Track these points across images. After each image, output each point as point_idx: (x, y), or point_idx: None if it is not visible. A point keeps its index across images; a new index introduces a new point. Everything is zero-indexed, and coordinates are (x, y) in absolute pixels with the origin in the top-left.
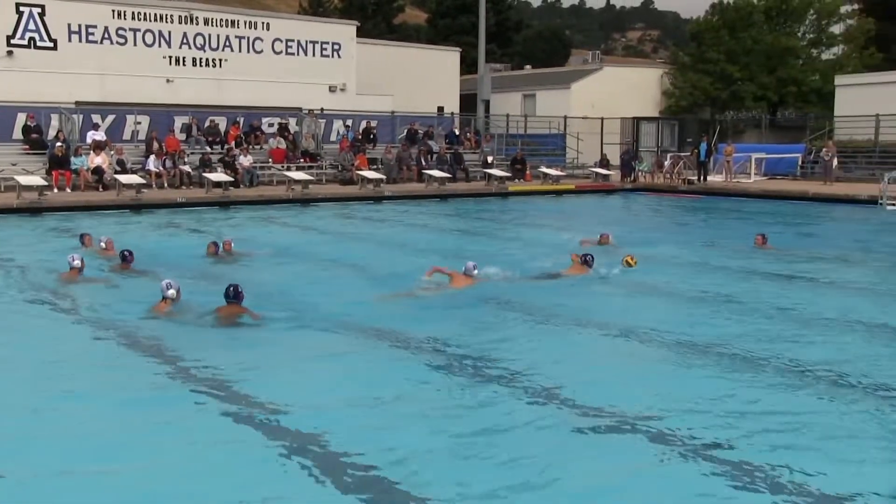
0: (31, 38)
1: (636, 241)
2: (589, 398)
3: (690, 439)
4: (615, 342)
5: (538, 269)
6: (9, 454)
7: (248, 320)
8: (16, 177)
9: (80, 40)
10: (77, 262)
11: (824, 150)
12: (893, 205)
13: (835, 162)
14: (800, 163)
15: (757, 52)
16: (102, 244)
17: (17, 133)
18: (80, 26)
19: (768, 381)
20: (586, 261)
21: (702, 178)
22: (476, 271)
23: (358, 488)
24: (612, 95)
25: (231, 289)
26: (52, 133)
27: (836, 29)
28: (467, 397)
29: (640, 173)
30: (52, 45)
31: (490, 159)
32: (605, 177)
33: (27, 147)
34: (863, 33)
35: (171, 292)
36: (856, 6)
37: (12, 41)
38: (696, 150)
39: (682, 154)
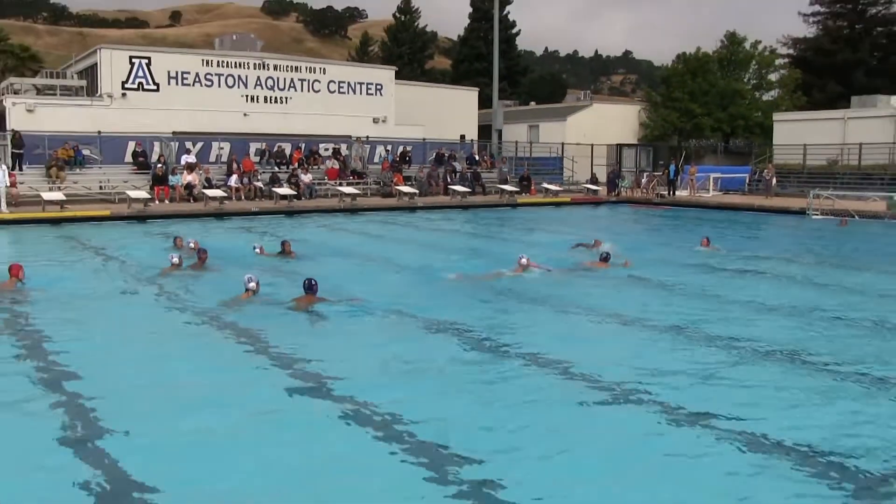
0: (140, 83)
1: (621, 242)
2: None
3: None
4: (621, 322)
5: (570, 263)
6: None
7: (321, 308)
8: (127, 191)
9: (177, 83)
10: (175, 259)
11: (766, 171)
12: (817, 214)
13: (774, 181)
14: (747, 181)
15: (713, 94)
16: (191, 245)
17: (128, 157)
18: (177, 72)
19: (716, 351)
20: (605, 258)
21: (671, 192)
22: (524, 261)
23: (410, 450)
24: (600, 126)
25: (307, 281)
26: (154, 156)
27: (773, 77)
28: (498, 372)
29: (622, 189)
30: (155, 87)
31: (507, 178)
32: (595, 191)
33: (135, 168)
34: (792, 81)
35: (252, 285)
36: (787, 60)
37: (126, 85)
38: (666, 171)
39: (656, 173)
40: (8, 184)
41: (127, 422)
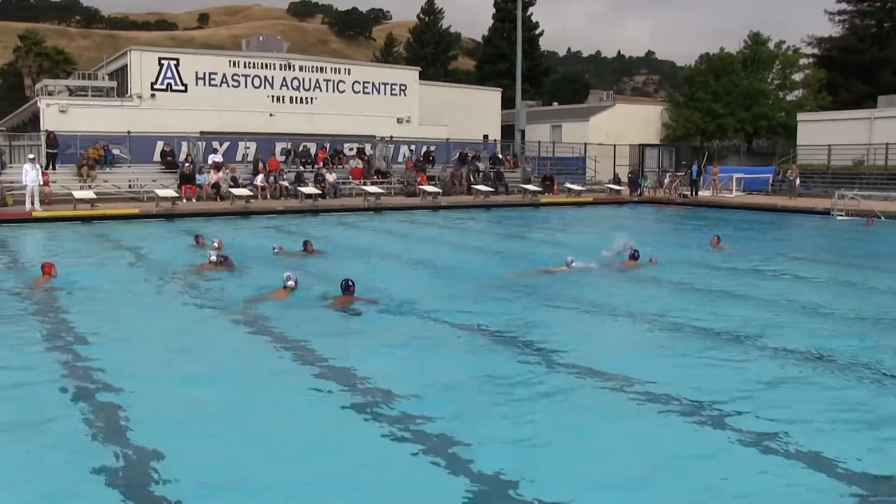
0: (168, 84)
1: (642, 242)
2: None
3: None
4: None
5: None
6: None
7: (357, 307)
8: (155, 190)
9: (205, 84)
10: (213, 258)
11: (789, 171)
12: (842, 215)
13: (797, 181)
14: (770, 181)
15: (736, 94)
16: (215, 244)
17: (157, 156)
18: (204, 74)
19: (743, 353)
20: (635, 255)
21: (694, 192)
22: (574, 263)
23: (433, 440)
24: (623, 127)
25: (345, 282)
26: (182, 156)
27: (797, 77)
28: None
29: (644, 189)
30: (183, 88)
31: (531, 177)
32: (617, 191)
33: (164, 167)
34: (817, 81)
35: (291, 283)
36: (811, 60)
37: (155, 86)
38: (689, 171)
39: (678, 174)
40: (41, 182)
41: (157, 417)
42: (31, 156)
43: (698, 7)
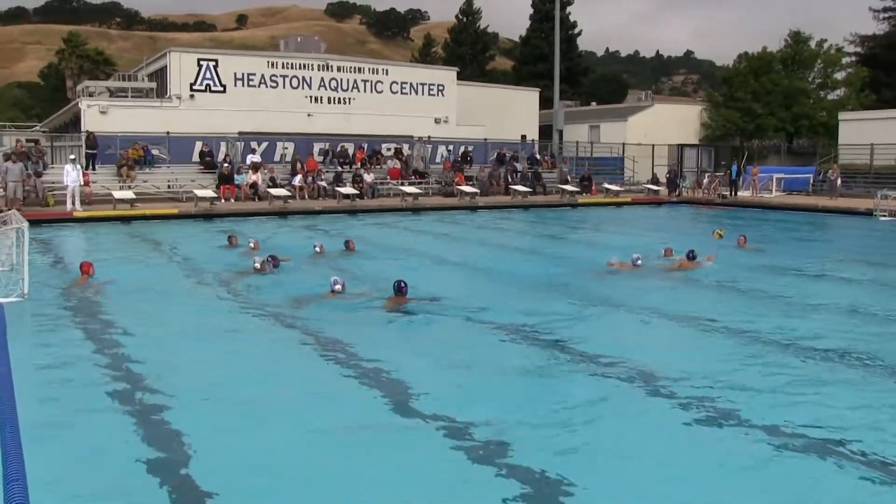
0: (207, 85)
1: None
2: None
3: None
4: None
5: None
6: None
7: (410, 307)
8: (194, 190)
9: (243, 85)
10: (258, 264)
11: (830, 171)
12: (885, 216)
13: (839, 181)
14: (811, 182)
15: (776, 93)
16: (251, 244)
17: (196, 157)
18: (243, 74)
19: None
20: (692, 256)
21: (733, 193)
22: (640, 262)
23: (477, 443)
24: (661, 127)
25: (397, 283)
26: (220, 156)
27: (839, 75)
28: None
29: (683, 189)
30: (222, 89)
31: (568, 177)
32: (655, 192)
33: (202, 167)
34: (859, 79)
35: (338, 287)
36: (853, 58)
37: (194, 87)
38: (728, 171)
39: (717, 174)
40: (81, 183)
41: (201, 417)
42: (72, 156)
43: (739, 6)
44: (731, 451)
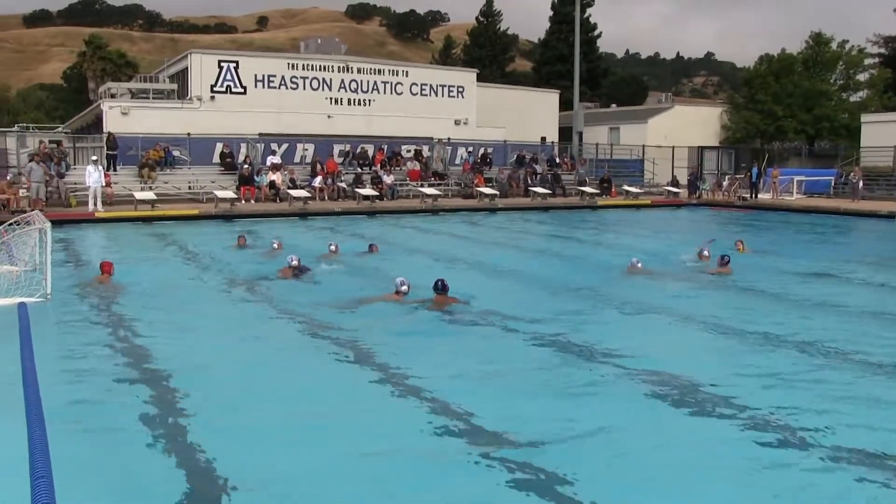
0: (228, 86)
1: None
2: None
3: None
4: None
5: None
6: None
7: (455, 307)
8: (214, 191)
9: (264, 87)
10: (294, 262)
11: (852, 174)
12: None
13: (861, 184)
14: (832, 184)
15: (797, 95)
16: (275, 245)
17: (216, 158)
18: (263, 76)
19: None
20: (725, 261)
21: (753, 195)
22: (639, 265)
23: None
24: (681, 129)
25: (439, 282)
26: (241, 157)
27: (861, 77)
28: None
29: (703, 191)
30: (243, 90)
31: (586, 179)
32: (676, 194)
33: (223, 168)
34: (882, 81)
35: (405, 288)
36: (876, 59)
37: (214, 88)
38: (748, 173)
39: (738, 176)
40: (103, 184)
41: (217, 418)
42: (94, 157)
43: (761, 8)
44: (782, 469)
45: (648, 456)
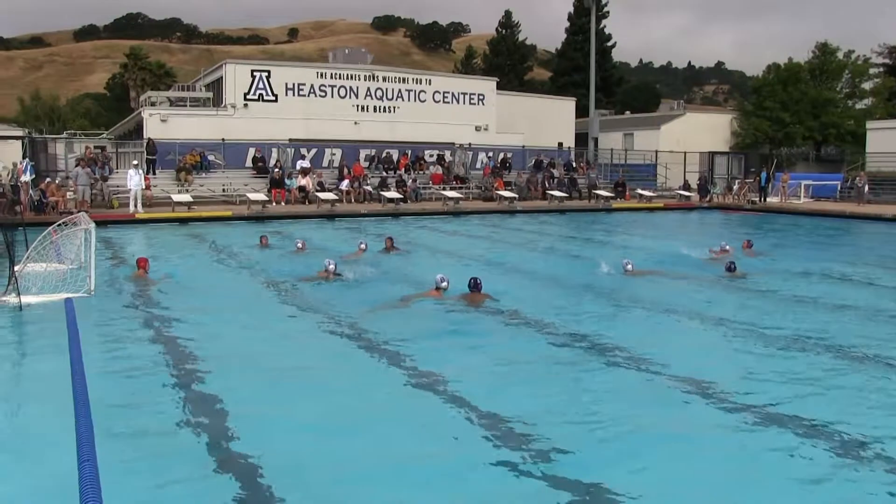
0: (260, 94)
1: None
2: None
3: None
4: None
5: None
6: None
7: (490, 304)
8: (247, 194)
9: (294, 94)
10: (331, 266)
11: (858, 178)
12: None
13: (866, 188)
14: (839, 188)
15: (804, 102)
16: (298, 244)
17: (249, 162)
18: (294, 84)
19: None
20: (731, 268)
21: (762, 199)
22: (630, 266)
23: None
24: (693, 134)
25: (472, 280)
26: (272, 162)
27: (867, 85)
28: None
29: (714, 195)
30: (274, 98)
31: (597, 182)
32: (687, 197)
33: (255, 172)
34: (887, 89)
35: (444, 284)
36: (881, 69)
37: (247, 96)
38: (758, 178)
39: (747, 180)
40: (143, 186)
41: (256, 411)
42: (135, 162)
43: (770, 19)
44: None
45: (684, 462)
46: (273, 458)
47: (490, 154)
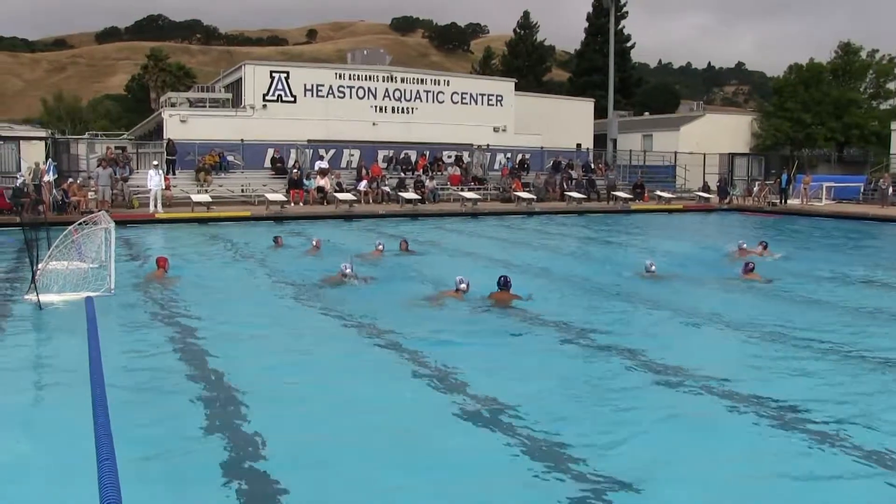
0: (279, 95)
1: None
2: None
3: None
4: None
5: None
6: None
7: (517, 304)
8: (266, 194)
9: (312, 95)
10: (348, 270)
11: (882, 180)
12: None
13: (890, 190)
14: (862, 190)
15: (826, 103)
16: (313, 243)
17: (267, 163)
18: (312, 85)
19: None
20: (750, 268)
21: (783, 201)
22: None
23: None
24: (712, 136)
25: (502, 278)
26: (290, 162)
27: (892, 85)
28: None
29: (733, 197)
30: (293, 99)
31: (616, 183)
32: (707, 199)
33: (273, 173)
34: None
35: (463, 286)
36: None
37: (266, 97)
38: (778, 179)
39: (767, 182)
40: (163, 187)
41: (269, 411)
42: (155, 162)
43: (791, 19)
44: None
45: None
46: (292, 458)
47: (508, 155)
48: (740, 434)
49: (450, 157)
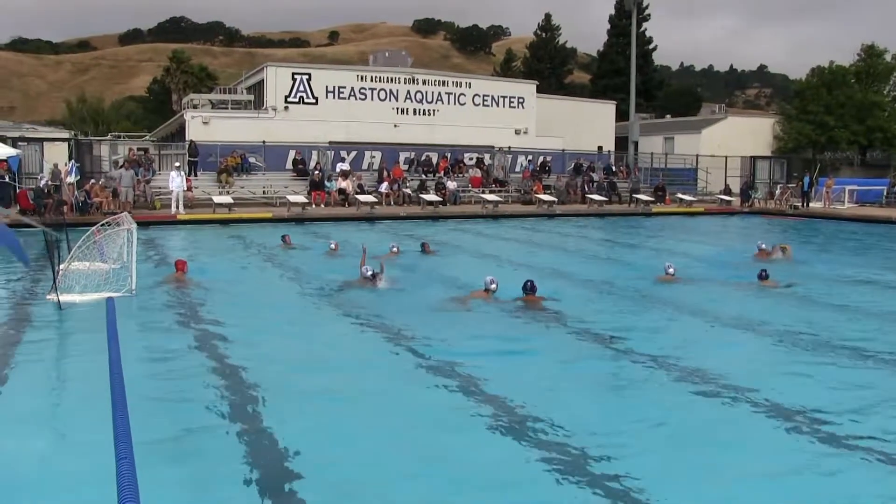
0: (301, 97)
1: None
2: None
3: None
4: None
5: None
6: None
7: (547, 305)
8: (287, 196)
9: (334, 97)
10: (369, 273)
11: None
12: None
13: None
14: (885, 193)
15: (849, 106)
16: (332, 245)
17: (289, 164)
18: (334, 87)
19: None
20: (764, 276)
21: (805, 204)
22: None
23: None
24: (734, 139)
25: (528, 283)
26: (312, 164)
27: None
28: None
29: (755, 200)
30: (314, 101)
31: (639, 186)
32: (728, 202)
33: (295, 174)
34: None
35: (493, 286)
36: None
37: (288, 99)
38: (800, 182)
39: (790, 185)
40: (185, 188)
41: (290, 412)
42: (177, 164)
43: (814, 22)
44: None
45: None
46: (313, 462)
47: (529, 157)
48: (771, 442)
49: (471, 159)
